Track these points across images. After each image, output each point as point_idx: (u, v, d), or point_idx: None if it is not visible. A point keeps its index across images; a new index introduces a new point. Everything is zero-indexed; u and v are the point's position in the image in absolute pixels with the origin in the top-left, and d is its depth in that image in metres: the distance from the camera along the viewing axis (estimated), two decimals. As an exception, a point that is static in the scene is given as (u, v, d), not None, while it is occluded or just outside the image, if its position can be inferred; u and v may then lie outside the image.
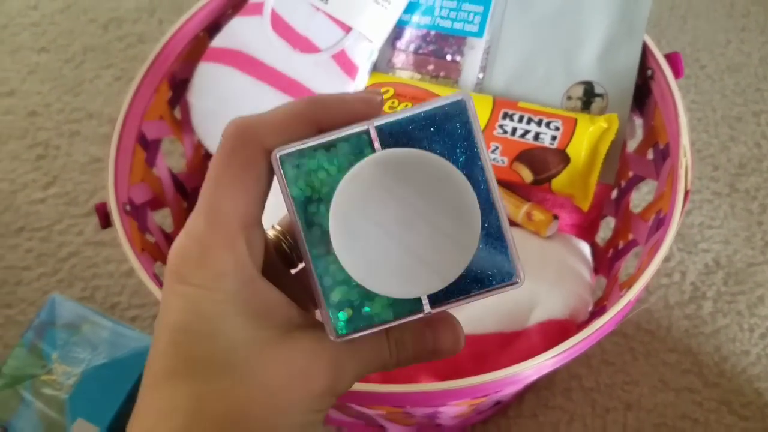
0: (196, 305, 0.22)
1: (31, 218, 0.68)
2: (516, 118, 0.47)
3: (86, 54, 0.80)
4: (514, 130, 0.47)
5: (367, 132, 0.22)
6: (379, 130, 0.22)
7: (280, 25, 0.48)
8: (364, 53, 0.48)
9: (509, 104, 0.48)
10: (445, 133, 0.22)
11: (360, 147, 0.22)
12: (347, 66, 0.47)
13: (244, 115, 0.23)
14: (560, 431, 0.54)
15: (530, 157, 0.46)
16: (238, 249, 0.22)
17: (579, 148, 0.45)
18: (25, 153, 0.72)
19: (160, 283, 0.43)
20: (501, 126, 0.47)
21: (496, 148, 0.47)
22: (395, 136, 0.22)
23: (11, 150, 0.73)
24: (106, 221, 0.42)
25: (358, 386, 0.36)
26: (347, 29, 0.48)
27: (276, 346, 0.23)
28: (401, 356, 0.25)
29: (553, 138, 0.46)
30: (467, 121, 0.22)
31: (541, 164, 0.46)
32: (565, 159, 0.46)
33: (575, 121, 0.46)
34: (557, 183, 0.46)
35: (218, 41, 0.49)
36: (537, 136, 0.46)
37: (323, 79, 0.47)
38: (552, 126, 0.46)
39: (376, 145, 0.22)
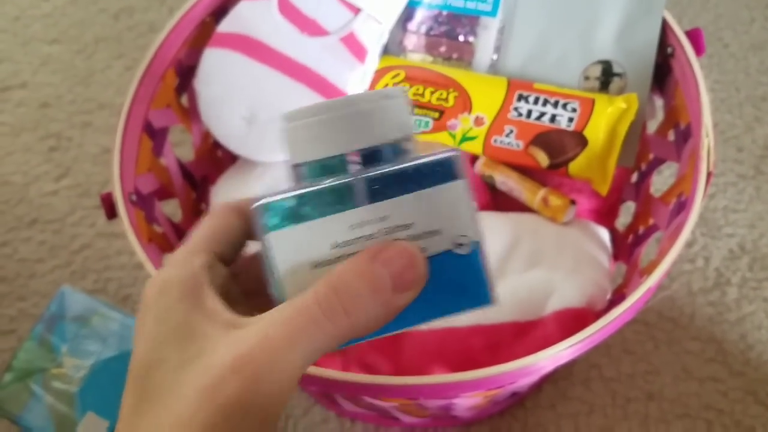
0: (147, 332, 0.22)
1: (44, 210, 0.68)
2: (531, 99, 0.46)
3: (98, 44, 0.80)
4: (530, 112, 0.45)
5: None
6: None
7: (287, 8, 0.47)
8: (374, 35, 0.46)
9: (524, 86, 0.47)
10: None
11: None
12: (356, 49, 0.46)
13: None
14: (579, 423, 0.53)
15: (546, 140, 0.45)
16: (192, 263, 0.23)
17: (597, 130, 0.44)
18: (38, 145, 0.72)
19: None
20: (516, 108, 0.46)
21: (511, 131, 0.46)
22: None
23: (24, 142, 0.72)
24: (111, 212, 0.41)
25: (368, 378, 0.35)
26: (356, 11, 0.46)
27: (189, 366, 0.21)
28: (354, 313, 0.20)
29: (570, 120, 0.44)
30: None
31: (558, 147, 0.44)
32: (582, 141, 0.44)
33: (593, 101, 0.44)
34: (574, 167, 0.44)
35: (224, 26, 0.48)
36: (553, 118, 0.45)
37: (332, 63, 0.45)
38: (569, 107, 0.45)
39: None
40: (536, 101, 0.45)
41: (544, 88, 0.46)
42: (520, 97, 0.46)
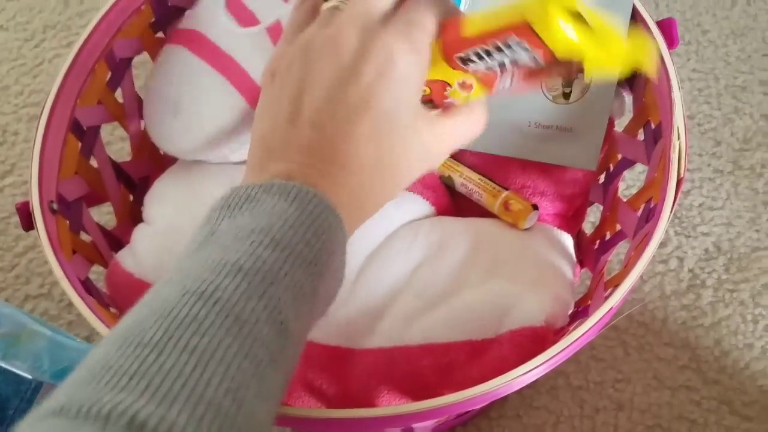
0: None
1: (-14, 210, 0.64)
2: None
3: (46, 32, 0.75)
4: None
5: None
6: None
7: (234, 3, 0.44)
8: None
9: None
10: None
11: None
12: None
13: None
14: (546, 434, 0.50)
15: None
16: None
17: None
18: (-20, 140, 0.68)
19: (89, 290, 0.38)
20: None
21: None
22: None
23: (-35, 136, 0.68)
24: (28, 223, 0.37)
25: (307, 412, 0.32)
26: None
27: None
28: None
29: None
30: None
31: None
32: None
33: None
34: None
35: (182, 23, 0.46)
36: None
37: (255, 54, 0.41)
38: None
39: None
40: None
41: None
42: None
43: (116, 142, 0.65)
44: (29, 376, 0.39)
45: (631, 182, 0.59)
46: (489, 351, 0.36)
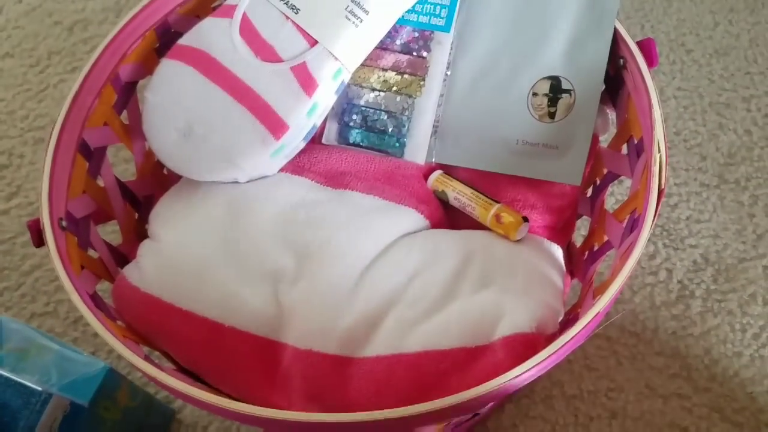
0: None
1: (-8, 231, 0.65)
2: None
3: (51, 58, 0.77)
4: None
5: None
6: None
7: (248, 30, 0.45)
8: (329, 71, 0.44)
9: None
10: None
11: None
12: (306, 80, 0.44)
13: None
14: (541, 443, 0.51)
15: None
16: None
17: None
18: (-13, 163, 0.70)
19: (97, 304, 0.40)
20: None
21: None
22: None
23: (-28, 160, 0.70)
24: (39, 240, 0.39)
25: (308, 416, 0.33)
26: (313, 42, 0.44)
27: None
28: None
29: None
30: None
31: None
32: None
33: None
34: None
35: (185, 39, 0.47)
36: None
37: (278, 91, 0.43)
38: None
39: None
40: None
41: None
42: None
43: (119, 164, 0.67)
44: (39, 388, 0.40)
45: (620, 197, 0.61)
46: (483, 357, 0.37)
